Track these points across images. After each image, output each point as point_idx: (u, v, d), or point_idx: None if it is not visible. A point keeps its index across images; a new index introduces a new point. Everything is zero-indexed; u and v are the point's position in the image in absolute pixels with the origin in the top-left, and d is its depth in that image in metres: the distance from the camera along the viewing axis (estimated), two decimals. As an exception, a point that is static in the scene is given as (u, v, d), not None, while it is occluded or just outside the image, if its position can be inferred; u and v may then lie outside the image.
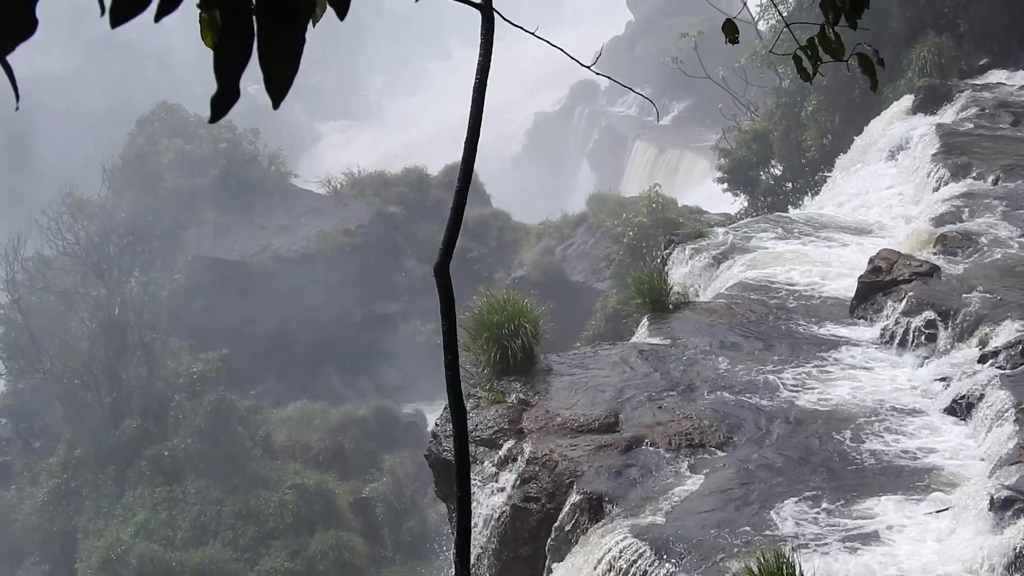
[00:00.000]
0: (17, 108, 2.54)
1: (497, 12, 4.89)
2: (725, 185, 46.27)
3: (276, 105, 2.26)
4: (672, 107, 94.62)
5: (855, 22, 4.93)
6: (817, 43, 5.23)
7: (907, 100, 30.62)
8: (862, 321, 16.80)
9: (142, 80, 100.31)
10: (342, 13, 2.31)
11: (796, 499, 11.63)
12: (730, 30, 5.92)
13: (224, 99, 2.24)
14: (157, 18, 2.32)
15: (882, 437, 12.60)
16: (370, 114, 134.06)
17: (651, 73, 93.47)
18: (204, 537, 47.79)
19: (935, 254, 17.86)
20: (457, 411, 4.82)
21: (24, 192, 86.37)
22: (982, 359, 13.66)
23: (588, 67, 5.84)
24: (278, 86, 2.21)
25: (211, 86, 2.48)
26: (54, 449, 55.20)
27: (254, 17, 2.20)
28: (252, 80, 2.58)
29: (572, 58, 5.75)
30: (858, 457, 12.25)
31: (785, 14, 38.00)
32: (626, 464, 13.08)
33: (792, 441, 12.76)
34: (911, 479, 11.87)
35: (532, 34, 5.28)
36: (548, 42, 5.51)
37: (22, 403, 60.29)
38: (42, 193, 68.94)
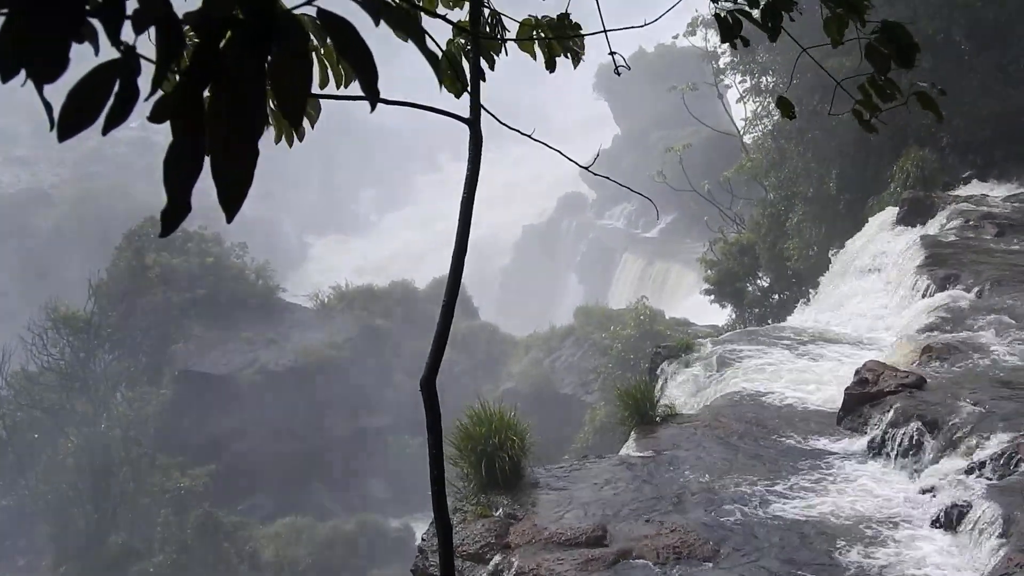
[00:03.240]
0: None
1: (495, 117, 4.93)
2: (712, 297, 46.44)
3: (230, 219, 2.25)
4: (660, 219, 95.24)
5: (911, 63, 4.99)
6: (869, 88, 5.28)
7: (891, 212, 30.87)
8: (849, 433, 16.76)
9: (130, 194, 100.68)
10: (299, 134, 2.32)
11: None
12: (786, 107, 5.97)
13: (174, 213, 2.24)
14: (105, 131, 2.33)
15: (869, 549, 12.49)
16: (358, 227, 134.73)
17: (639, 185, 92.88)
18: (190, 656, 47.37)
19: (921, 365, 17.87)
20: (443, 528, 4.79)
21: (9, 307, 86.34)
22: (969, 470, 13.60)
23: (587, 168, 5.93)
24: (232, 200, 2.20)
25: (198, 201, 2.48)
26: (39, 566, 54.67)
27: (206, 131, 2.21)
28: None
29: (572, 160, 5.83)
30: (846, 570, 12.15)
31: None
32: (613, 578, 12.95)
33: (779, 553, 12.65)
34: (900, 593, 11.76)
35: (530, 137, 5.33)
36: (547, 145, 5.57)
37: (7, 520, 59.73)
38: (27, 308, 68.95)
